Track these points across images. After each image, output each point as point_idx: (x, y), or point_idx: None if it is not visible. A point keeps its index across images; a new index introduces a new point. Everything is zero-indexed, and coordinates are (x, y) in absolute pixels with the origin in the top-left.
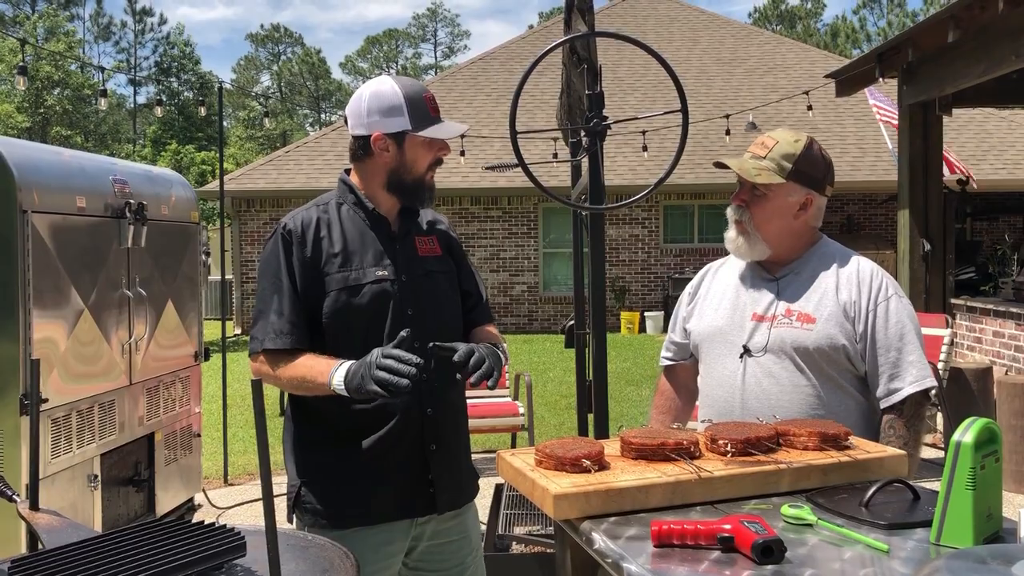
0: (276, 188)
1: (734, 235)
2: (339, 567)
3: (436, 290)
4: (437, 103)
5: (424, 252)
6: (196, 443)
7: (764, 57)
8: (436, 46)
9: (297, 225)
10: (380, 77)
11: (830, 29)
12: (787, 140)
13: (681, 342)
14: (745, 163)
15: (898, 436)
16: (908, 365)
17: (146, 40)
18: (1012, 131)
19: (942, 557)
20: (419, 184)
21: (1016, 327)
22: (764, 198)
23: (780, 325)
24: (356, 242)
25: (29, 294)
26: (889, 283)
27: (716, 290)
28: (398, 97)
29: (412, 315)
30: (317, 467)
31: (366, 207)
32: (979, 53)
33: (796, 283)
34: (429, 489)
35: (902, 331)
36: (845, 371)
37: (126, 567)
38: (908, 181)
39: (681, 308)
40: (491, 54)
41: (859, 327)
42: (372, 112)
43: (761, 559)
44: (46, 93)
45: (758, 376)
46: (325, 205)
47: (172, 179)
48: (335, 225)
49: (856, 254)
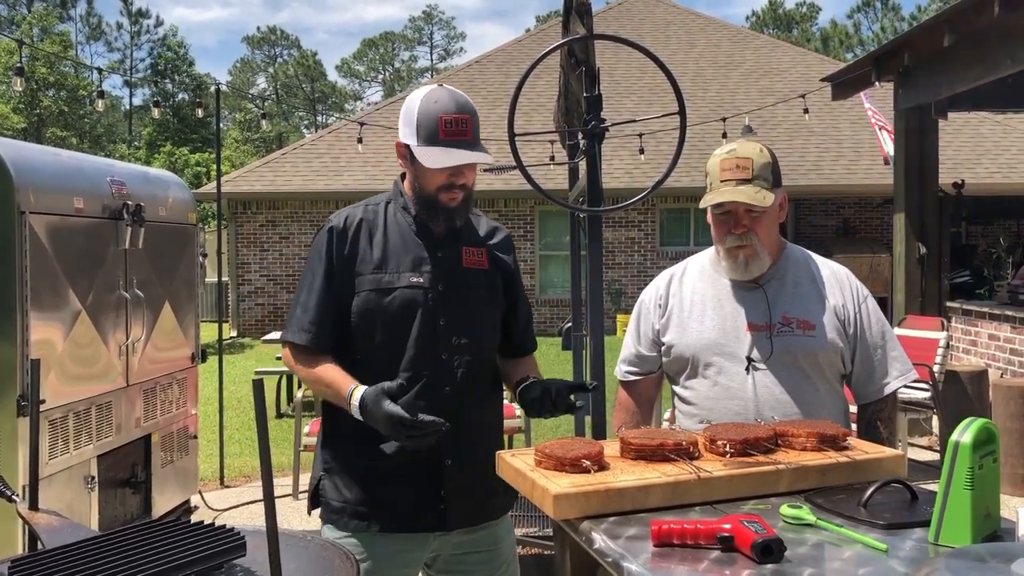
0: (272, 190)
1: (742, 261)
2: (339, 568)
3: (473, 303)
4: (461, 128)
5: (469, 264)
6: (193, 445)
7: (760, 60)
8: (432, 49)
9: (340, 222)
10: (428, 87)
11: (823, 33)
12: (756, 153)
13: (649, 355)
14: (745, 192)
15: (886, 427)
16: (893, 360)
17: (142, 42)
18: (1007, 135)
19: (942, 556)
20: (432, 202)
21: (1011, 330)
22: (763, 214)
23: (782, 334)
24: (397, 246)
25: (27, 295)
26: (859, 284)
27: (691, 300)
28: (414, 111)
29: (443, 325)
30: (337, 460)
31: (410, 211)
32: (974, 57)
33: (783, 290)
34: (440, 505)
35: (883, 329)
36: (836, 371)
37: (126, 567)
38: (904, 185)
39: (647, 319)
40: (488, 57)
41: (849, 329)
42: (402, 117)
43: (761, 558)
44: (41, 94)
45: (768, 386)
46: (375, 205)
47: (169, 180)
48: (379, 226)
49: (821, 257)
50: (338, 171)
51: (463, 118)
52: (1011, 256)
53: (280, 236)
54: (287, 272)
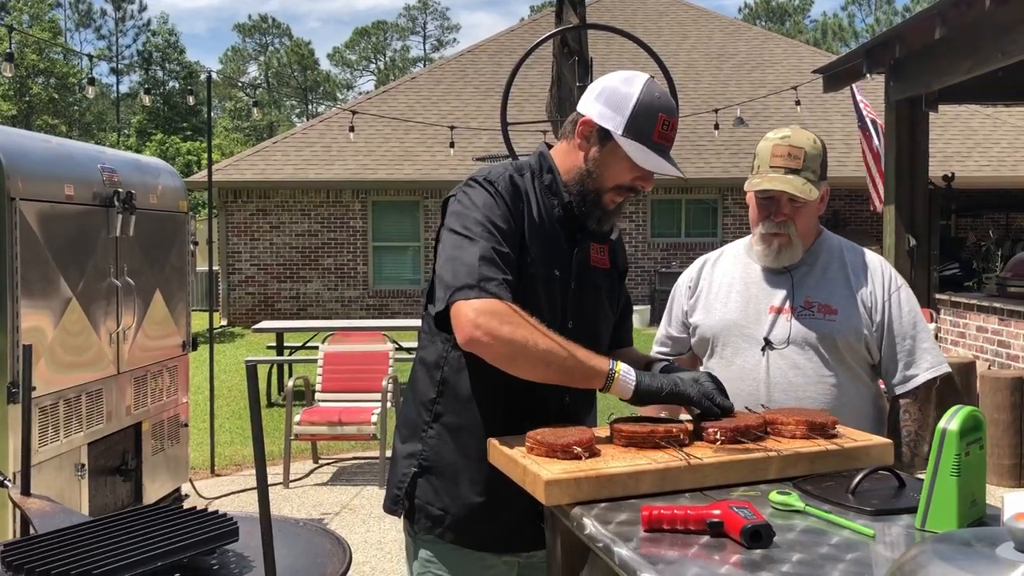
0: (263, 179)
1: (775, 248)
2: (332, 553)
3: (598, 305)
4: (672, 133)
5: (595, 262)
6: (183, 433)
7: (752, 52)
8: (425, 39)
9: (507, 184)
10: (643, 74)
11: (821, 25)
12: (808, 144)
13: (679, 336)
14: (792, 183)
15: (914, 420)
16: (923, 352)
17: (127, 28)
18: (997, 128)
19: (928, 540)
20: (596, 199)
21: (999, 322)
22: (805, 206)
23: (802, 316)
24: (539, 230)
25: (17, 283)
26: (895, 274)
27: (719, 283)
28: (632, 97)
29: (572, 328)
30: (444, 458)
31: (562, 196)
32: (966, 50)
33: (810, 275)
34: (540, 521)
35: (915, 319)
36: (861, 360)
37: (118, 551)
38: (894, 177)
39: (679, 302)
40: (480, 46)
41: (876, 317)
42: (601, 95)
43: (750, 544)
44: (31, 81)
45: (783, 368)
46: (521, 177)
47: (160, 168)
48: (531, 203)
49: (858, 245)
50: (329, 160)
51: (675, 122)
52: (1000, 249)
53: (271, 225)
54: (278, 261)
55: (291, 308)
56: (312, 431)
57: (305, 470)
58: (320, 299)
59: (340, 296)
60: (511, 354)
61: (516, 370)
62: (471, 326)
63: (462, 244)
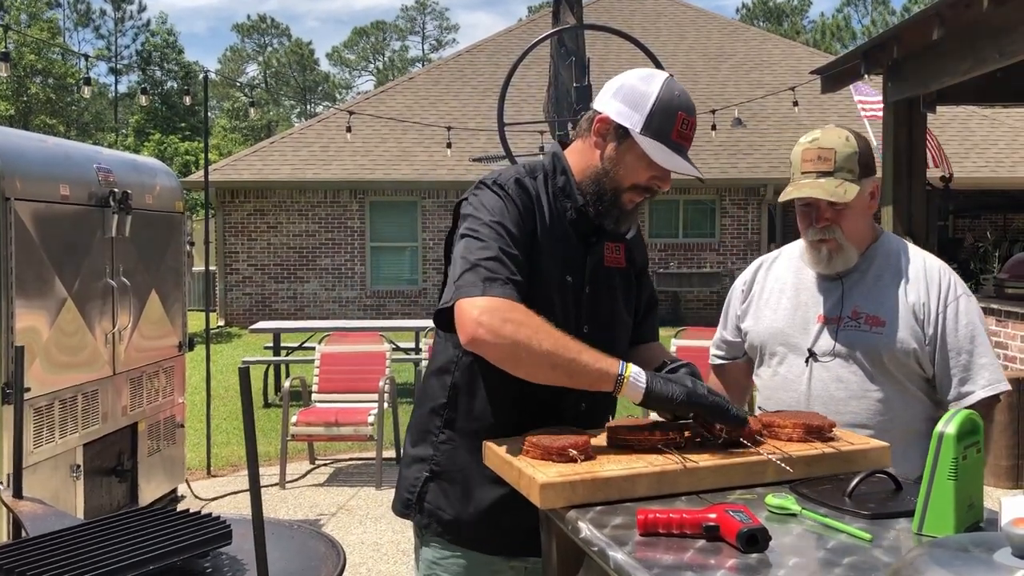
0: (261, 179)
1: (825, 254)
2: (326, 556)
3: (614, 307)
4: (691, 133)
5: (610, 262)
6: (179, 434)
7: (750, 53)
8: (424, 39)
9: (515, 187)
10: (662, 72)
11: (819, 26)
12: (840, 143)
13: (733, 340)
14: (823, 187)
15: None
16: (980, 368)
17: (126, 28)
18: (995, 129)
19: (925, 545)
20: (614, 198)
21: (997, 323)
22: (848, 207)
23: (848, 328)
24: (551, 233)
25: (12, 283)
26: (957, 282)
27: (772, 288)
28: (651, 95)
29: (587, 333)
30: (456, 462)
31: (575, 199)
32: (964, 51)
33: (862, 283)
34: None
35: (973, 332)
36: (913, 374)
37: (111, 555)
38: (892, 178)
39: (733, 305)
40: (478, 47)
41: (928, 329)
42: (618, 93)
43: (746, 548)
44: (29, 81)
45: (825, 381)
46: (534, 179)
47: (157, 168)
48: (542, 205)
49: (920, 250)
50: (327, 160)
51: (694, 122)
52: (997, 250)
53: (268, 225)
54: (275, 261)
55: (288, 308)
56: (309, 432)
57: (302, 471)
58: (317, 299)
59: (337, 296)
60: (513, 354)
61: (520, 371)
62: (473, 324)
63: (470, 245)
